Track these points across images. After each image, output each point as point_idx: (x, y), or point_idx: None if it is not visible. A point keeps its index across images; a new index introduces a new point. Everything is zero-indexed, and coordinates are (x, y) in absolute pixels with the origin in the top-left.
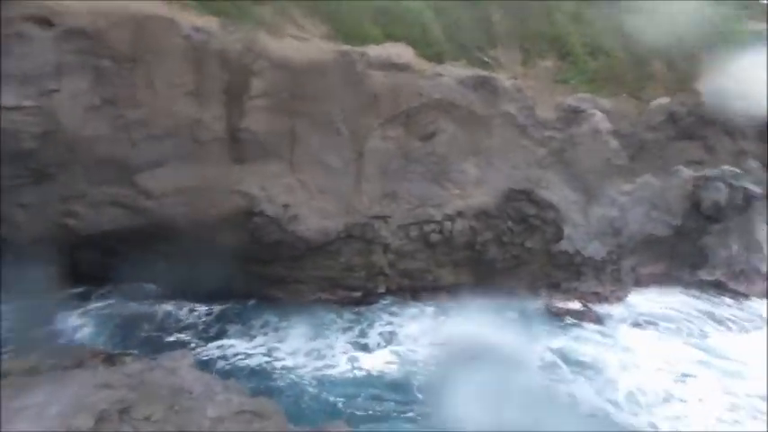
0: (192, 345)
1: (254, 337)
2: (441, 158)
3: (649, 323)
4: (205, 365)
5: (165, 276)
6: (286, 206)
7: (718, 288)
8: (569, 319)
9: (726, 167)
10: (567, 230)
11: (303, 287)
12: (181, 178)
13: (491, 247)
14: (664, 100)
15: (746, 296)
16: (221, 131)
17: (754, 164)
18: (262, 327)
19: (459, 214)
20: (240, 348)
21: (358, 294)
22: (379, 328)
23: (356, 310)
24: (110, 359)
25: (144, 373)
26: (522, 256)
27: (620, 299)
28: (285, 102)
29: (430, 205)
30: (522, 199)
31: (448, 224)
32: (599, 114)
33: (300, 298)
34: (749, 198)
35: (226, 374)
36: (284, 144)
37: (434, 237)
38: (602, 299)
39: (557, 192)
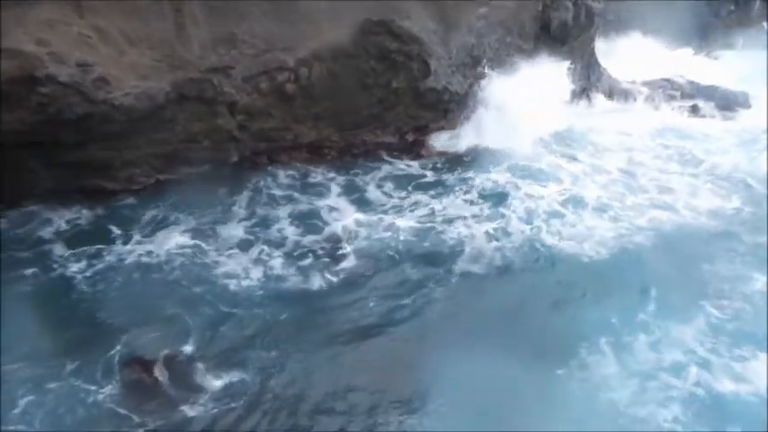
0: None
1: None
2: None
3: None
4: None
5: None
6: (84, 66)
7: None
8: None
9: None
10: (432, 65)
11: (136, 171)
12: None
13: (355, 93)
14: None
15: None
16: None
17: None
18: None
19: (316, 57)
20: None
21: (206, 168)
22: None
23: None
24: None
25: None
26: (388, 99)
27: None
28: None
29: (279, 49)
30: (381, 32)
31: (304, 71)
32: None
33: (134, 184)
34: (591, 15)
35: None
36: None
37: (290, 87)
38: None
39: (417, 21)
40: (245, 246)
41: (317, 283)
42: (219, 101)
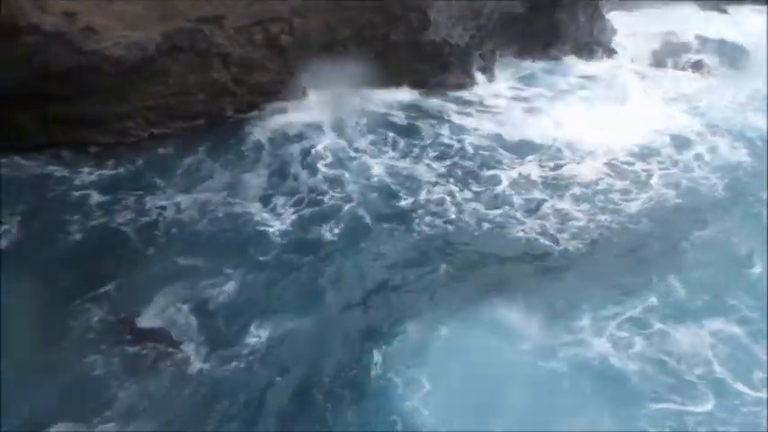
0: None
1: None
2: None
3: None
4: None
5: None
6: (71, 15)
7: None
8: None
9: None
10: (432, 16)
11: (129, 124)
12: None
13: (351, 46)
14: None
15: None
16: None
17: None
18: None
19: (311, 8)
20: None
21: (201, 122)
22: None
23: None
24: None
25: None
26: (385, 53)
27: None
28: None
29: None
30: None
31: (299, 21)
32: None
33: (128, 137)
34: None
35: None
36: None
37: (285, 39)
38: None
39: None
40: (265, 199)
41: (326, 232)
42: (213, 52)
